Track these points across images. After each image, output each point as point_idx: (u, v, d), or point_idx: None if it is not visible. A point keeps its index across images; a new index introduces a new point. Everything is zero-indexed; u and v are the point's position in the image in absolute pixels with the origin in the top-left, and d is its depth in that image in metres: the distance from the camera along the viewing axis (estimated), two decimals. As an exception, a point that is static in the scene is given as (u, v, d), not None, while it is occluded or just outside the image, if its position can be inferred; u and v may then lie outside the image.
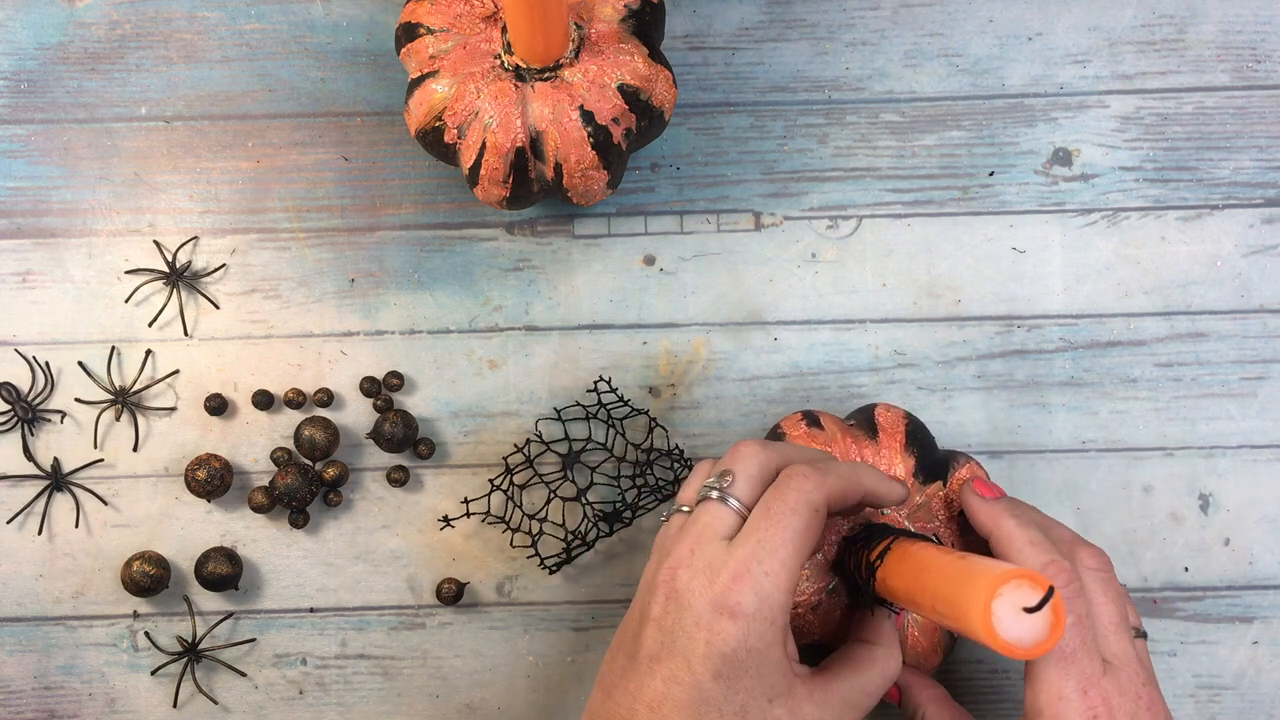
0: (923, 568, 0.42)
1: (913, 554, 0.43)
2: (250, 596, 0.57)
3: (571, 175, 0.51)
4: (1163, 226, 0.58)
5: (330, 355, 0.58)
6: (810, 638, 0.49)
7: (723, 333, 0.58)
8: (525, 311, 0.58)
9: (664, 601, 0.42)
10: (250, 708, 0.57)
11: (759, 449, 0.44)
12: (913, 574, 0.42)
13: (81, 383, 0.57)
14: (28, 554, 0.57)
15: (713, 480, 0.44)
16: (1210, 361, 0.57)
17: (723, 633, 0.40)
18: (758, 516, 0.42)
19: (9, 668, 0.57)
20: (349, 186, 0.58)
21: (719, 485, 0.44)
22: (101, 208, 0.58)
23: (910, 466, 0.50)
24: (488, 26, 0.51)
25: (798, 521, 0.41)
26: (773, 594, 0.41)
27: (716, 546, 0.42)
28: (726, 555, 0.41)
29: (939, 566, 0.40)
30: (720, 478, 0.44)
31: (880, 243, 0.58)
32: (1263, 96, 0.58)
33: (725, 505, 0.43)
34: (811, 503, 0.42)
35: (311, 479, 0.56)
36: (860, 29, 0.59)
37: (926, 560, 0.42)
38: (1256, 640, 0.56)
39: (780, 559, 0.41)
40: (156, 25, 0.58)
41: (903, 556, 0.44)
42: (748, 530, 0.42)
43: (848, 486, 0.43)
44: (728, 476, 0.44)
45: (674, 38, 0.58)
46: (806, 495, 0.42)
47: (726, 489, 0.43)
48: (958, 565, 0.39)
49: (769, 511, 0.42)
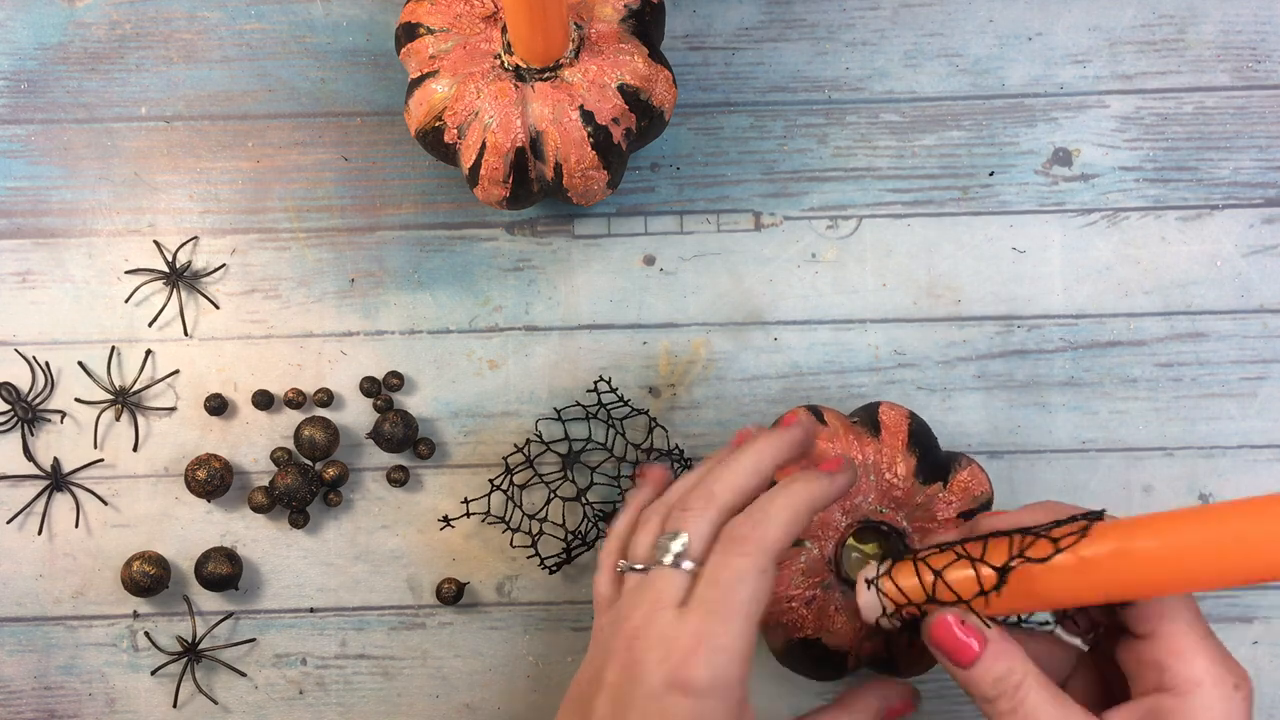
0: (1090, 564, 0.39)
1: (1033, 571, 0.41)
2: (250, 596, 0.57)
3: (571, 175, 0.51)
4: (1163, 226, 0.58)
5: (330, 355, 0.58)
6: (804, 632, 0.49)
7: (723, 333, 0.58)
8: (525, 311, 0.58)
9: (619, 670, 0.41)
10: (250, 708, 0.57)
11: (706, 499, 0.43)
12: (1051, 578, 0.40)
13: (81, 383, 0.57)
14: (28, 554, 0.57)
15: (664, 540, 0.42)
16: (1210, 361, 0.57)
17: (675, 709, 0.39)
18: (706, 586, 0.41)
19: (9, 668, 0.57)
20: (349, 186, 0.58)
21: (670, 548, 0.42)
22: (101, 208, 0.58)
23: (911, 466, 0.50)
24: (488, 26, 0.51)
25: (745, 590, 0.40)
26: (727, 668, 0.39)
27: (670, 616, 0.41)
28: (679, 627, 0.40)
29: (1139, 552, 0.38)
30: (673, 538, 0.42)
31: (880, 243, 0.58)
32: (1263, 96, 0.58)
33: (679, 570, 0.42)
34: (758, 566, 0.40)
35: (311, 479, 0.56)
36: (860, 29, 0.59)
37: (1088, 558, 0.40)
38: (1256, 640, 0.56)
39: (732, 632, 0.40)
40: (156, 25, 0.58)
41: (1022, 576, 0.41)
42: (697, 600, 0.40)
43: (791, 529, 0.42)
44: (680, 538, 0.42)
45: (674, 38, 0.58)
46: (751, 561, 0.40)
47: (680, 555, 0.42)
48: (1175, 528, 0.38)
49: (716, 582, 0.40)
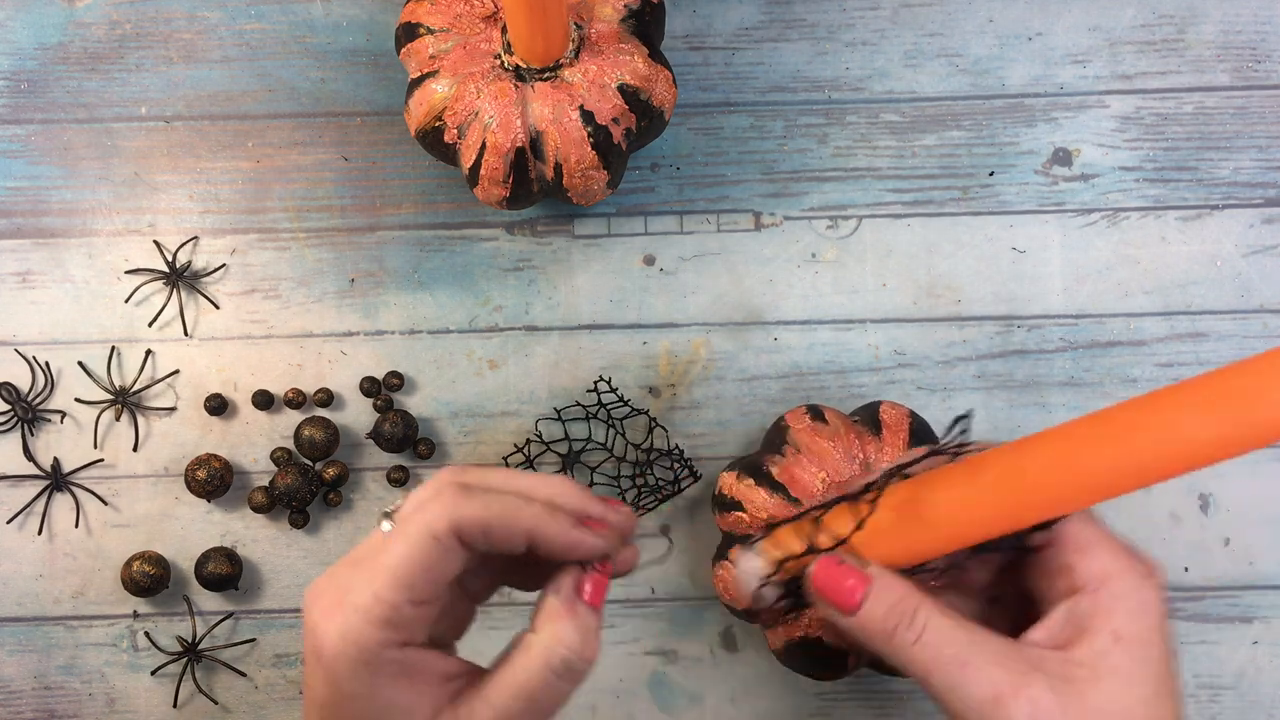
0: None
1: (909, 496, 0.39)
2: (250, 596, 0.57)
3: (571, 175, 0.51)
4: (1163, 226, 0.58)
5: (330, 355, 0.58)
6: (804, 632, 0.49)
7: (723, 333, 0.58)
8: (525, 311, 0.58)
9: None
10: (250, 708, 0.57)
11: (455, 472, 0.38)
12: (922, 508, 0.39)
13: (81, 383, 0.57)
14: (28, 554, 0.57)
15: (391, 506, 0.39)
16: (1210, 361, 0.57)
17: (312, 679, 0.36)
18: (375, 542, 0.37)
19: (9, 668, 0.57)
20: (349, 186, 0.58)
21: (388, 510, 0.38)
22: (101, 208, 0.58)
23: (910, 466, 0.50)
24: (488, 26, 0.51)
25: (404, 548, 0.35)
26: (360, 628, 0.35)
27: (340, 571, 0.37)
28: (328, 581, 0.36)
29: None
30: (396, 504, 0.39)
31: (880, 243, 0.58)
32: (1263, 96, 0.58)
33: (380, 530, 0.37)
34: (430, 527, 0.35)
35: (311, 479, 0.56)
36: (860, 29, 0.59)
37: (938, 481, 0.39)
38: (1256, 640, 0.56)
39: (374, 590, 0.35)
40: (156, 25, 0.58)
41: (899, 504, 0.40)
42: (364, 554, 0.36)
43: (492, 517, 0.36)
44: (398, 501, 0.38)
45: (674, 38, 0.58)
46: (426, 519, 0.36)
47: (391, 513, 0.38)
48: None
49: (387, 536, 0.36)
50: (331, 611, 0.35)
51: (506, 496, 0.37)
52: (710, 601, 0.57)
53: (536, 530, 0.37)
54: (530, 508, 0.37)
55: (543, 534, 0.37)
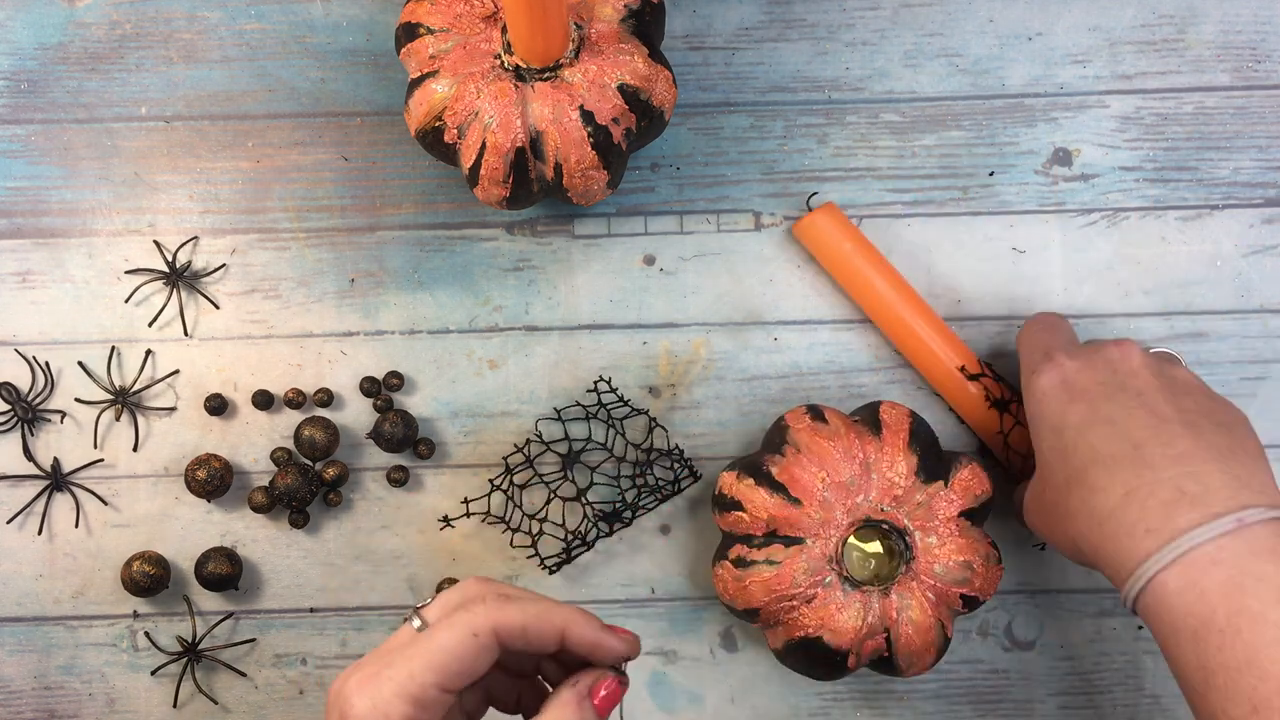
0: None
1: None
2: (250, 596, 0.57)
3: (571, 175, 0.51)
4: (1163, 226, 0.58)
5: (330, 355, 0.58)
6: (804, 631, 0.49)
7: (723, 333, 0.58)
8: (525, 311, 0.58)
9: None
10: (250, 708, 0.57)
11: (482, 586, 0.42)
12: None
13: (81, 383, 0.57)
14: (28, 554, 0.57)
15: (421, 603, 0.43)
16: (1210, 361, 0.57)
17: None
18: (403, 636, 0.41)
19: (9, 668, 0.57)
20: (349, 186, 0.58)
21: (417, 605, 0.42)
22: (101, 208, 0.58)
23: (913, 465, 0.50)
24: (488, 26, 0.51)
25: (447, 638, 0.39)
26: (389, 701, 0.38)
27: (373, 657, 0.40)
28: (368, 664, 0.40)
29: None
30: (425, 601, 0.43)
31: (880, 243, 0.58)
32: (1263, 96, 0.58)
33: (410, 625, 0.41)
34: (472, 625, 0.40)
35: (311, 479, 0.56)
36: (860, 29, 0.59)
37: None
38: None
39: (410, 670, 0.39)
40: (156, 25, 0.58)
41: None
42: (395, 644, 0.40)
43: (529, 621, 0.40)
44: (429, 599, 0.42)
45: (674, 38, 0.58)
46: (469, 619, 0.40)
47: (420, 610, 0.42)
48: None
49: (430, 631, 0.40)
50: (365, 684, 0.39)
51: (542, 600, 0.41)
52: (710, 601, 0.57)
53: (569, 627, 0.41)
54: (563, 609, 0.41)
55: (575, 631, 0.41)
